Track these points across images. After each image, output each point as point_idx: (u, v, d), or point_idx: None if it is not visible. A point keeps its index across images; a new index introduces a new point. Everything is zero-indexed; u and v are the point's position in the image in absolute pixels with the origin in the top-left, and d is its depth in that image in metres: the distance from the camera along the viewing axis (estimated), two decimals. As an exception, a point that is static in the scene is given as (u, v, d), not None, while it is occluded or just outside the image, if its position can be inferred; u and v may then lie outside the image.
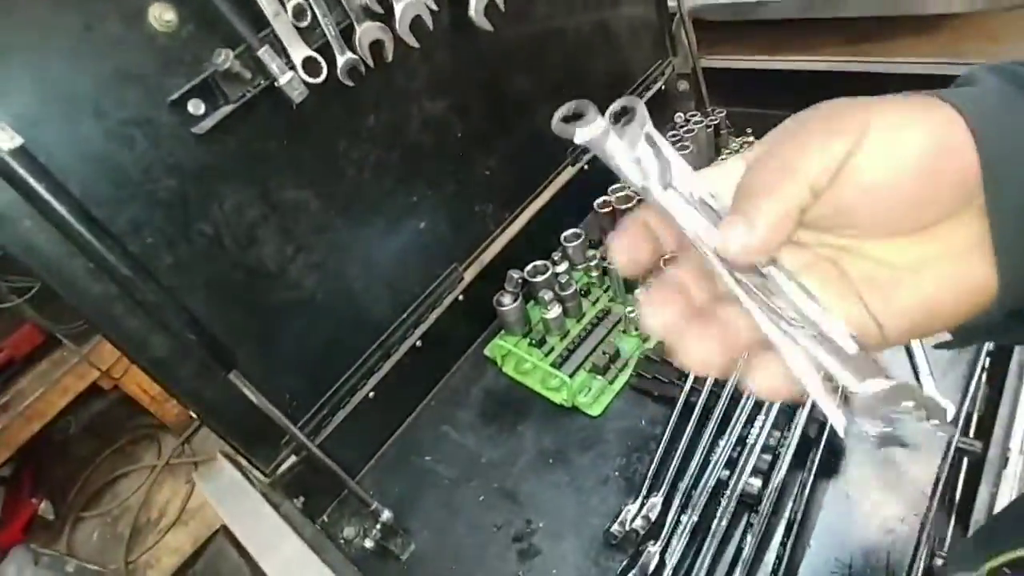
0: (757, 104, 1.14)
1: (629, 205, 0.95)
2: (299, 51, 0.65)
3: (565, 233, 0.97)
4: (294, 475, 0.75)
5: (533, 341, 0.91)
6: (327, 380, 0.79)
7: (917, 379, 0.73)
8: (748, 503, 0.66)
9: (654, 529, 0.67)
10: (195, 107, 0.62)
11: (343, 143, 0.74)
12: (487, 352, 0.94)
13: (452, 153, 0.87)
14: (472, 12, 0.78)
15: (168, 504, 1.92)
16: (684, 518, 0.67)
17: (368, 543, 0.76)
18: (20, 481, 1.89)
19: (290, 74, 0.64)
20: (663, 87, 1.17)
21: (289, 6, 0.63)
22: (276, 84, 0.64)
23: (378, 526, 0.75)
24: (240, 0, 0.59)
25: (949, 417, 0.52)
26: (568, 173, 1.04)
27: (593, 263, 0.95)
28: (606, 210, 0.99)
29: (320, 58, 0.66)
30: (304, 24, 0.64)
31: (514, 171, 0.95)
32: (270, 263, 0.71)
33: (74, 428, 2.15)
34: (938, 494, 0.61)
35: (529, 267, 0.93)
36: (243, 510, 0.65)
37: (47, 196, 0.54)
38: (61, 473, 2.04)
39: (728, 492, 0.67)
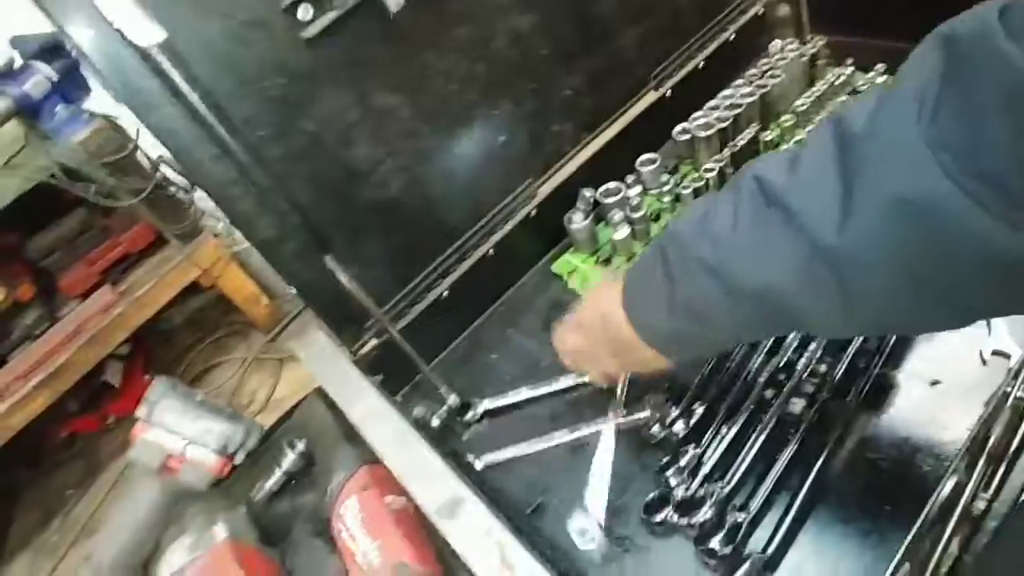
0: (865, 32, 1.05)
1: (709, 133, 0.95)
2: (399, -41, 0.68)
3: (641, 158, 0.98)
4: (374, 356, 0.85)
5: (600, 260, 0.95)
6: (406, 276, 0.87)
7: (989, 326, 0.73)
8: (789, 422, 0.70)
9: (692, 435, 0.72)
10: (304, 12, 0.67)
11: (433, 54, 0.78)
12: (554, 269, 0.99)
13: (535, 71, 0.89)
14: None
15: (256, 393, 2.15)
16: (724, 428, 0.71)
17: (435, 423, 0.85)
18: (135, 360, 2.17)
19: (389, -18, 0.68)
20: (761, 11, 1.12)
21: (392, -87, 0.66)
22: (376, -8, 0.68)
23: (444, 408, 0.84)
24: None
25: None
26: (650, 98, 1.03)
27: (667, 188, 0.96)
28: (685, 138, 0.99)
29: (418, -34, 0.69)
30: (404, -68, 0.68)
31: (595, 93, 0.96)
32: (362, 164, 0.78)
33: (178, 320, 2.42)
34: (991, 441, 0.61)
35: (602, 188, 0.96)
36: (333, 371, 0.75)
37: (185, 87, 0.62)
38: (167, 358, 2.31)
39: (771, 410, 0.70)
